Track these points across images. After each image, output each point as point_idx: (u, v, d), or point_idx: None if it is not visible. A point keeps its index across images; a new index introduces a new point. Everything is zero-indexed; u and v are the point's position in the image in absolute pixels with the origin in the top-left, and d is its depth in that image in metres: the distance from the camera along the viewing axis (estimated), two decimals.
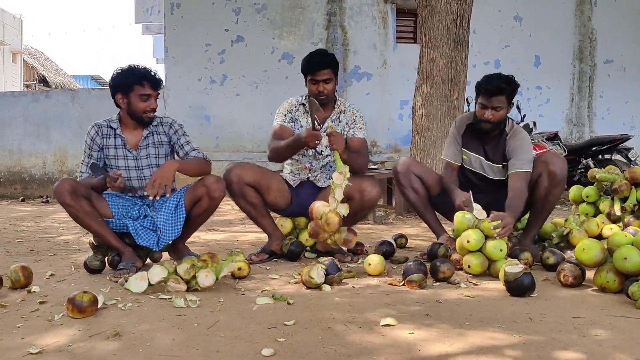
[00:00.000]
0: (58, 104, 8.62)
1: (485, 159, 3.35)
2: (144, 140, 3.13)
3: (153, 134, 3.16)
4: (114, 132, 3.13)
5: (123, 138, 3.12)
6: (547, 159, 3.16)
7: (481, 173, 3.37)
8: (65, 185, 2.89)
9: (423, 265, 2.67)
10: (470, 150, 3.38)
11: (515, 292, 2.43)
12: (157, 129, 3.18)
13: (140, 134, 3.14)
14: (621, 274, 2.45)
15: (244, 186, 3.23)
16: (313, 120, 3.17)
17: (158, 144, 3.17)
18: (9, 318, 2.15)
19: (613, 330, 1.97)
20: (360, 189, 3.19)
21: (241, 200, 3.28)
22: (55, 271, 2.98)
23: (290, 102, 3.46)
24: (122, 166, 3.11)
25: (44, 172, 8.63)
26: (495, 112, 3.16)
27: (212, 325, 2.02)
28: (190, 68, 8.36)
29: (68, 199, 2.88)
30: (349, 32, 8.59)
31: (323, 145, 3.38)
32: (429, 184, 3.45)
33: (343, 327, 2.00)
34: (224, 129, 8.39)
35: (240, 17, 8.42)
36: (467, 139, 3.38)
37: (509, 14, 8.79)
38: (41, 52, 26.90)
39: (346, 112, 3.42)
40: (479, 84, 3.22)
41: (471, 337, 1.89)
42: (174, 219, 3.05)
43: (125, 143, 3.12)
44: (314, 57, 3.30)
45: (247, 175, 3.24)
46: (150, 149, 3.15)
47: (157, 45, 14.55)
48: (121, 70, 3.07)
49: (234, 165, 3.30)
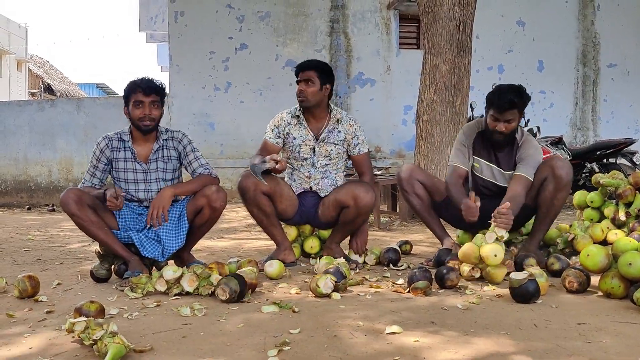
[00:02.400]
0: (63, 112, 8.68)
1: (497, 166, 3.34)
2: (153, 154, 3.13)
3: (163, 148, 3.16)
4: (125, 145, 3.13)
5: (133, 151, 3.12)
6: (553, 163, 3.16)
7: (492, 181, 3.37)
8: (71, 194, 2.92)
9: (428, 272, 2.67)
10: (482, 158, 3.37)
11: (520, 299, 2.43)
12: (167, 144, 3.17)
13: (150, 147, 3.14)
14: (626, 279, 2.45)
15: (259, 194, 3.24)
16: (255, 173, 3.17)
17: (167, 159, 3.16)
18: (16, 327, 2.16)
19: (618, 337, 1.96)
20: (354, 195, 3.22)
21: (255, 208, 3.28)
22: (62, 280, 3.00)
23: (281, 116, 3.47)
24: (130, 179, 3.12)
25: (50, 181, 8.67)
26: (508, 125, 3.16)
27: (218, 334, 2.03)
28: (194, 76, 8.40)
29: (74, 209, 2.90)
30: (352, 39, 8.63)
31: (321, 155, 3.39)
32: (432, 190, 3.46)
33: (348, 334, 2.00)
34: (228, 136, 8.43)
35: (243, 24, 8.47)
36: (479, 147, 3.37)
37: (511, 18, 8.81)
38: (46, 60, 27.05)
39: (342, 122, 3.43)
40: (491, 97, 3.20)
41: (476, 344, 1.90)
42: (177, 230, 3.07)
43: (136, 156, 3.12)
44: (303, 62, 3.42)
45: (263, 184, 3.24)
46: (160, 163, 3.14)
47: (161, 53, 14.63)
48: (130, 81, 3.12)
49: (249, 173, 3.25)
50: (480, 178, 3.38)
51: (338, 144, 3.42)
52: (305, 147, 3.41)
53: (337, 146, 3.42)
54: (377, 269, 3.22)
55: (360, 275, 3.01)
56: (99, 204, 3.01)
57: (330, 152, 3.41)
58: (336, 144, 3.42)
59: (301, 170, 3.44)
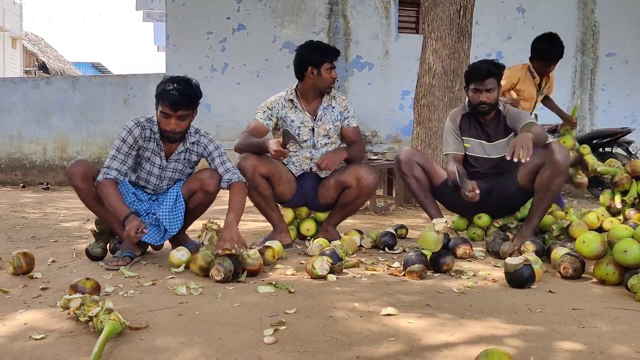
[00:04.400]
0: (59, 90, 8.60)
1: (487, 141, 3.48)
2: (177, 154, 3.02)
3: (187, 152, 3.04)
4: (154, 136, 2.97)
5: (162, 146, 2.99)
6: (551, 148, 3.19)
7: (483, 157, 3.46)
8: (78, 167, 2.88)
9: (423, 255, 2.68)
10: (471, 137, 3.51)
11: (515, 284, 2.44)
12: (192, 148, 3.04)
13: (175, 147, 3.00)
14: (621, 266, 2.46)
15: (258, 177, 3.22)
16: (284, 143, 3.13)
17: (186, 162, 3.07)
18: (11, 304, 2.16)
19: (612, 322, 1.98)
20: (357, 176, 3.24)
21: (253, 191, 3.26)
22: (56, 258, 2.99)
23: (275, 99, 3.44)
24: (147, 169, 3.03)
25: (45, 159, 8.63)
26: (489, 94, 3.37)
27: (214, 313, 2.03)
28: (191, 56, 8.33)
29: (79, 182, 2.87)
30: (351, 22, 8.56)
31: (320, 135, 3.39)
32: (430, 174, 3.48)
33: (344, 315, 2.01)
34: (224, 117, 8.38)
35: (242, 5, 8.39)
36: (466, 127, 3.53)
37: (512, 5, 8.76)
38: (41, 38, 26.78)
39: (336, 98, 3.46)
40: (470, 72, 3.44)
41: (471, 327, 1.91)
42: (175, 212, 3.06)
43: (162, 149, 2.99)
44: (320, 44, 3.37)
45: (262, 166, 3.22)
46: (179, 164, 3.04)
47: (158, 32, 14.50)
48: (164, 78, 2.92)
49: (249, 154, 3.25)
50: (472, 157, 3.46)
51: (335, 120, 3.44)
52: (305, 129, 3.39)
53: (334, 124, 3.44)
54: (373, 252, 3.23)
55: (356, 258, 3.01)
56: None
57: (329, 130, 3.42)
58: (333, 121, 3.43)
59: (301, 152, 3.42)
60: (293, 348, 1.70)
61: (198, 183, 3.05)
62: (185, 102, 2.81)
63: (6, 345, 1.73)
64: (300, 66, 3.34)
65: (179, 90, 2.79)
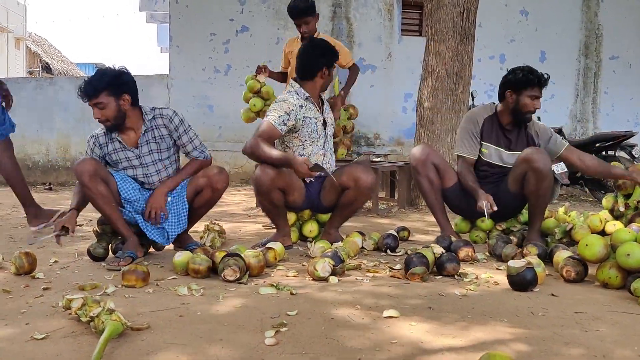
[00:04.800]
0: (62, 91, 8.61)
1: (506, 149, 3.45)
2: (142, 137, 3.04)
3: (152, 129, 3.06)
4: (111, 137, 3.05)
5: (120, 140, 3.05)
6: (528, 156, 3.20)
7: (498, 164, 3.46)
8: (87, 166, 2.88)
9: (425, 257, 2.67)
10: (491, 143, 3.46)
11: (517, 287, 2.43)
12: (155, 123, 3.06)
13: (137, 132, 3.04)
14: (624, 270, 2.45)
15: (274, 190, 3.19)
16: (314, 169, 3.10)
17: (159, 139, 3.08)
18: (13, 303, 2.16)
19: (615, 326, 1.97)
20: (355, 177, 3.22)
21: (266, 201, 3.26)
22: (58, 258, 2.99)
23: (289, 103, 3.25)
24: (127, 166, 3.07)
25: (47, 159, 8.63)
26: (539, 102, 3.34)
27: (215, 314, 2.03)
28: (194, 57, 8.34)
29: (86, 180, 2.88)
30: (354, 24, 8.56)
31: (328, 125, 3.47)
32: (443, 175, 3.48)
33: (345, 318, 2.00)
34: (227, 118, 8.38)
35: (245, 6, 8.39)
36: (487, 132, 3.46)
37: (515, 8, 8.74)
38: (45, 38, 26.84)
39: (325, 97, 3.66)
40: (529, 76, 3.31)
41: (473, 330, 1.90)
42: (177, 213, 3.07)
43: (125, 145, 3.05)
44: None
45: (279, 180, 3.17)
46: (151, 144, 3.07)
47: (161, 33, 14.53)
48: None
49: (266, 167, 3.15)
50: (487, 162, 3.44)
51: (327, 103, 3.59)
52: (319, 124, 3.40)
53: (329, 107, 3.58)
54: (375, 255, 3.22)
55: (358, 260, 3.01)
56: (111, 177, 3.00)
57: (333, 120, 3.59)
58: (332, 119, 3.57)
59: (317, 143, 3.40)
60: (294, 350, 1.70)
61: (206, 180, 3.06)
62: (91, 91, 2.88)
63: (8, 345, 1.73)
64: (314, 67, 3.33)
65: (87, 81, 2.91)
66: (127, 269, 2.43)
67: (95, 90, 2.88)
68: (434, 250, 2.73)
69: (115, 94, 2.91)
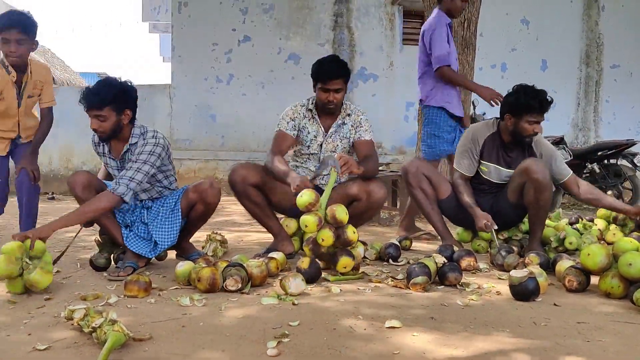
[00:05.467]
0: (65, 101, 8.60)
1: (507, 167, 3.40)
2: (123, 154, 3.04)
3: (130, 151, 3.01)
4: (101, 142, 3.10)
5: (110, 147, 3.07)
6: (528, 167, 3.19)
7: (496, 182, 3.43)
8: (80, 177, 2.91)
9: (427, 267, 2.66)
10: (491, 162, 3.43)
11: (519, 297, 2.43)
12: (134, 147, 2.99)
13: (122, 145, 3.03)
14: (626, 279, 2.45)
15: (247, 186, 3.23)
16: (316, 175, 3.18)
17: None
18: (15, 314, 2.16)
19: (617, 336, 1.97)
20: (368, 190, 3.22)
21: (245, 200, 3.28)
22: (60, 268, 2.99)
23: (295, 109, 3.41)
24: (111, 172, 3.15)
25: (50, 169, 8.66)
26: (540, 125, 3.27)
27: (217, 325, 2.03)
28: (196, 67, 8.38)
29: (79, 192, 2.90)
30: (355, 33, 8.60)
31: (328, 150, 3.38)
32: (437, 187, 3.47)
33: (348, 328, 2.00)
34: (229, 128, 8.41)
35: (247, 17, 8.44)
36: (488, 151, 3.42)
37: (516, 17, 8.78)
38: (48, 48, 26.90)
39: (351, 115, 3.43)
40: (530, 102, 3.20)
41: (476, 340, 1.90)
42: (169, 226, 3.03)
43: (111, 152, 3.08)
44: (325, 65, 3.25)
45: (251, 176, 3.24)
46: (127, 163, 3.00)
47: (164, 43, 14.59)
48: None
49: (239, 165, 3.31)
50: (486, 180, 3.43)
51: (344, 138, 3.42)
52: (315, 142, 3.40)
53: (342, 141, 3.42)
54: (377, 264, 3.22)
55: (360, 270, 3.00)
56: (106, 187, 2.99)
57: (337, 147, 3.40)
58: (342, 138, 3.42)
59: (307, 165, 3.42)
60: None
61: (197, 195, 3.06)
62: (96, 103, 2.84)
63: (10, 355, 1.73)
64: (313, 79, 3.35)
65: (91, 90, 2.88)
66: (129, 279, 2.43)
67: (102, 102, 2.84)
68: (436, 260, 2.73)
69: (118, 110, 2.89)
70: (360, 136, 3.39)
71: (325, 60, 3.31)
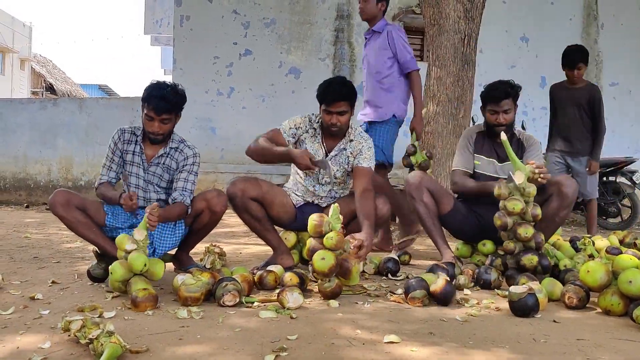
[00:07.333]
0: (65, 112, 8.67)
1: (498, 161, 3.52)
2: (157, 158, 3.09)
3: (168, 156, 3.09)
4: (136, 139, 3.11)
5: (142, 147, 3.10)
6: (561, 181, 3.25)
7: (492, 175, 3.51)
8: (58, 197, 2.94)
9: (425, 281, 2.65)
10: (483, 154, 3.55)
11: (519, 313, 2.42)
12: (172, 153, 3.10)
13: (157, 149, 3.09)
14: (626, 297, 2.44)
15: (247, 200, 3.22)
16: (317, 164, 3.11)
17: (167, 169, 3.11)
18: (12, 325, 2.15)
19: (617, 354, 1.95)
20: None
21: (245, 214, 3.27)
22: (58, 279, 2.98)
23: (304, 120, 3.36)
24: (133, 173, 3.11)
25: (49, 180, 8.65)
26: (506, 115, 3.40)
27: (215, 338, 2.02)
28: (197, 80, 8.41)
29: (61, 211, 2.93)
30: (356, 49, 8.64)
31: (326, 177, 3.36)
32: (439, 200, 3.47)
33: (346, 343, 1.99)
34: (229, 141, 8.42)
35: (249, 31, 8.49)
36: (480, 145, 3.58)
37: (516, 34, 8.84)
38: (49, 60, 27.11)
39: (353, 141, 3.36)
40: (485, 93, 3.45)
41: (475, 356, 1.89)
42: (171, 232, 3.05)
43: (143, 152, 3.10)
44: (331, 86, 3.21)
45: (251, 189, 3.23)
46: (159, 169, 3.10)
47: (165, 56, 14.67)
48: (151, 83, 3.04)
49: (238, 179, 3.28)
50: (482, 175, 3.48)
51: (343, 164, 3.35)
52: None
53: (341, 166, 3.36)
54: (376, 279, 3.21)
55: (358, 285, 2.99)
56: (88, 202, 3.02)
57: (336, 172, 3.36)
58: (341, 164, 3.36)
59: (305, 183, 3.41)
60: None
61: (204, 203, 3.06)
62: (169, 107, 2.95)
63: None
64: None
65: (163, 95, 2.93)
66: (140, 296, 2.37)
67: (174, 107, 2.98)
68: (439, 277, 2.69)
69: (178, 114, 3.05)
70: (358, 162, 3.30)
71: (331, 81, 3.26)
